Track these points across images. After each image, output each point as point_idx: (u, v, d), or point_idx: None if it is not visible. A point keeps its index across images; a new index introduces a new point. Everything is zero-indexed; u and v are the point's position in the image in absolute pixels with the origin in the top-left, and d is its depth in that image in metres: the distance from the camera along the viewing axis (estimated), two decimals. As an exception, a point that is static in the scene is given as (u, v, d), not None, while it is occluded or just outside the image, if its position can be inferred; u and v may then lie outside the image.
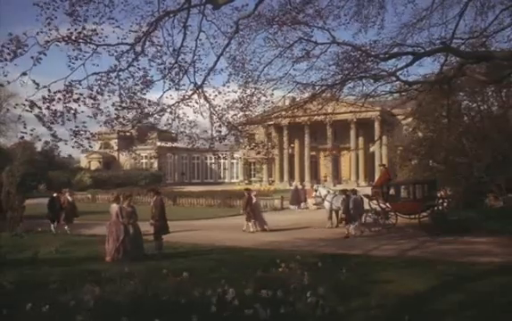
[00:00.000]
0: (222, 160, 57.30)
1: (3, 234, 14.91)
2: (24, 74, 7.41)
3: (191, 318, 5.51)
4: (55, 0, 7.59)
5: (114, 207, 11.55)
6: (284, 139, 48.77)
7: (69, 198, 18.11)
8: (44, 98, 7.49)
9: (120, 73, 8.54)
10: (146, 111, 9.27)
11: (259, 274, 7.81)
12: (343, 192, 16.56)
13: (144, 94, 9.06)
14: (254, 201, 17.11)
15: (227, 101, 10.52)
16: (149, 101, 9.30)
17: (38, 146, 49.06)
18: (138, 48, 8.67)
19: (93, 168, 59.06)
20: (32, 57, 7.45)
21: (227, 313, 5.86)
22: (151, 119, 9.69)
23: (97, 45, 8.19)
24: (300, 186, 30.52)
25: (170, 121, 9.92)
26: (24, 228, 16.21)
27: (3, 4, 71.09)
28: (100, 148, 62.27)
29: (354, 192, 16.49)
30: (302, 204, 26.31)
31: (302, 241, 13.85)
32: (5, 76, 7.50)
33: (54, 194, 17.89)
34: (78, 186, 43.69)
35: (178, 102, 9.76)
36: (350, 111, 33.86)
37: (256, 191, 20.59)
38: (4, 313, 5.91)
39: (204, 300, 6.11)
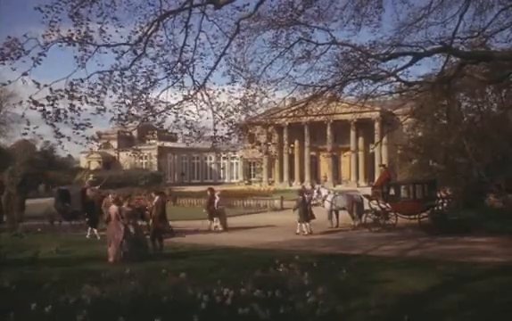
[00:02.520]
0: (222, 161, 57.34)
1: (3, 235, 14.92)
2: (25, 74, 7.41)
3: (190, 318, 5.52)
4: (58, 3, 7.61)
5: (113, 208, 11.55)
6: (285, 139, 48.77)
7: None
8: (48, 97, 7.51)
9: (124, 72, 8.56)
10: (150, 109, 9.30)
11: (258, 274, 7.82)
12: (300, 192, 17.14)
13: (148, 93, 9.09)
14: (217, 200, 17.64)
15: (230, 102, 10.54)
16: (155, 99, 9.35)
17: (38, 146, 49.13)
18: (140, 48, 8.69)
19: (92, 168, 59.03)
20: (33, 58, 7.46)
21: (227, 313, 5.87)
22: (155, 118, 9.70)
23: (99, 46, 8.21)
24: (309, 187, 31.05)
25: (174, 120, 9.94)
26: (24, 228, 16.20)
27: (3, 4, 71.10)
28: (100, 148, 62.34)
29: (306, 191, 18.03)
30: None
31: (301, 241, 13.87)
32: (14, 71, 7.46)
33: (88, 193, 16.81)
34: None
35: (181, 102, 9.78)
36: (351, 112, 33.91)
37: (220, 191, 20.89)
38: (6, 314, 5.91)
39: (203, 301, 6.11)
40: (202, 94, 10.02)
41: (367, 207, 17.14)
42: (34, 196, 32.20)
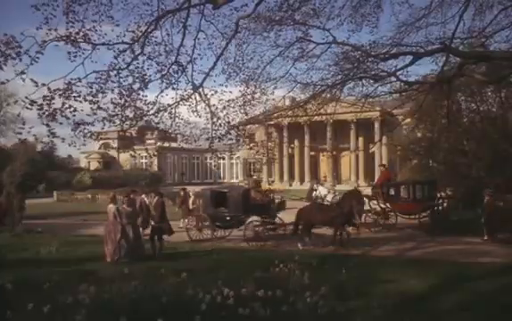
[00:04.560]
0: (222, 161, 57.32)
1: (2, 235, 14.93)
2: (22, 73, 7.39)
3: (191, 318, 5.51)
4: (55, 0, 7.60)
5: (111, 207, 11.54)
6: (284, 139, 48.73)
7: (145, 200, 15.56)
8: (44, 96, 7.50)
9: (120, 72, 8.55)
10: (145, 110, 9.28)
11: (258, 274, 7.81)
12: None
13: (143, 92, 9.07)
14: (192, 199, 18.19)
15: (226, 101, 10.54)
16: (146, 100, 9.32)
17: (38, 146, 49.10)
18: (137, 47, 8.68)
19: (92, 168, 59.02)
20: (30, 56, 7.43)
21: (226, 313, 5.85)
22: (150, 119, 9.68)
23: (96, 44, 8.20)
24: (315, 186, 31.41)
25: (169, 121, 9.93)
26: (24, 228, 16.19)
27: (1, 5, 71.10)
28: (100, 148, 62.31)
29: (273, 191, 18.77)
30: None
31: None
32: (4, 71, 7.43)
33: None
34: (78, 186, 43.65)
35: (178, 103, 9.76)
36: (351, 112, 33.88)
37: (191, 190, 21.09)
38: (6, 314, 5.89)
39: (203, 301, 6.10)
40: (199, 95, 10.01)
41: (367, 207, 17.12)
42: (34, 196, 32.26)
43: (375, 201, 17.15)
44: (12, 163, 33.08)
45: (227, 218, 13.96)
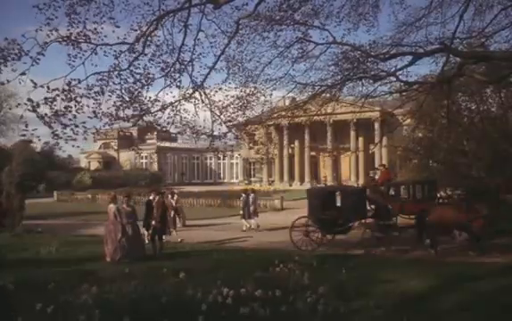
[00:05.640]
0: (222, 161, 57.37)
1: (3, 235, 14.93)
2: (23, 74, 7.37)
3: (190, 318, 5.51)
4: (56, 0, 7.60)
5: (111, 207, 11.56)
6: (285, 139, 48.76)
7: (172, 201, 15.98)
8: (45, 98, 7.49)
9: (122, 73, 8.55)
10: (147, 108, 9.29)
11: (258, 274, 7.82)
12: (244, 191, 18.53)
13: (146, 91, 9.08)
14: (176, 198, 18.53)
15: (226, 97, 10.57)
16: (149, 98, 9.33)
17: (38, 146, 49.06)
18: (139, 47, 8.68)
19: (92, 168, 59.05)
20: (31, 57, 7.43)
21: (226, 313, 5.86)
22: (151, 118, 9.69)
23: (97, 45, 8.20)
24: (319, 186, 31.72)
25: (171, 120, 9.94)
26: (24, 228, 16.20)
27: (1, 5, 71.13)
28: (100, 148, 62.36)
29: (253, 191, 18.75)
30: None
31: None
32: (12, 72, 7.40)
33: (151, 197, 13.71)
34: (78, 186, 43.68)
35: (179, 101, 9.78)
36: (351, 112, 33.96)
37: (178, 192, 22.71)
38: (6, 314, 5.90)
39: (202, 301, 6.10)
40: (200, 94, 10.03)
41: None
42: (34, 196, 32.26)
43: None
44: (11, 163, 33.09)
45: (339, 222, 12.32)
